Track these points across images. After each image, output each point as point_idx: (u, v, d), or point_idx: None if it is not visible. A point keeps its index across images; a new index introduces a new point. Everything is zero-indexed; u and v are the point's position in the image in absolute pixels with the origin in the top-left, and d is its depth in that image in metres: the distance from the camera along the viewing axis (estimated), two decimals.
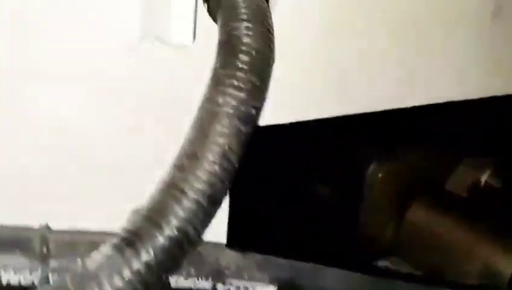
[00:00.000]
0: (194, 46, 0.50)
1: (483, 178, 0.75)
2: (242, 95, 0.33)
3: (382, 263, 0.73)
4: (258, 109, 0.34)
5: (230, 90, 0.34)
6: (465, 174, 0.75)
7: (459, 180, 0.75)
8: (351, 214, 0.74)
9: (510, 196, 0.76)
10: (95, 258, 0.29)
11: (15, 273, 0.49)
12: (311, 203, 0.76)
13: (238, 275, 0.54)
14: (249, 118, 0.33)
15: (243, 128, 0.33)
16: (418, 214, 0.72)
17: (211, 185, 0.31)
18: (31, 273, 0.50)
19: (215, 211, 0.31)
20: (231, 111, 0.33)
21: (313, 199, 0.76)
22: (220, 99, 0.33)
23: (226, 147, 0.32)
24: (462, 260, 0.68)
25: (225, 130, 0.32)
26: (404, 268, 0.72)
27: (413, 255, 0.72)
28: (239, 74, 0.34)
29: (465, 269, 0.68)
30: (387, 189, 0.72)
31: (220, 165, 0.31)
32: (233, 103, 0.33)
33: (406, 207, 0.73)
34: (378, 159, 0.72)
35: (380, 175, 0.72)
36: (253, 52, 0.35)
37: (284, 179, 0.75)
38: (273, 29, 0.38)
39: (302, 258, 0.57)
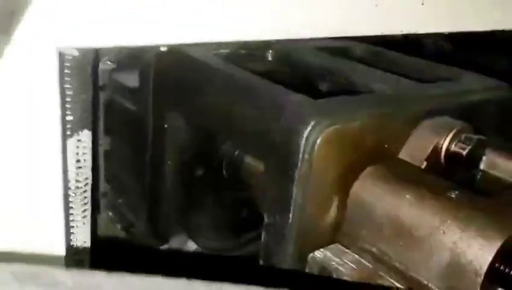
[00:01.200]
0: None
1: (445, 143, 0.65)
2: None
3: (319, 254, 0.60)
4: None
5: None
6: (423, 139, 0.66)
7: (416, 147, 0.65)
8: (280, 190, 0.60)
9: (478, 164, 0.68)
10: None
11: None
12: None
13: None
14: None
15: None
16: (366, 190, 0.60)
17: None
18: None
19: None
20: None
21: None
22: None
23: None
24: (423, 247, 0.55)
25: None
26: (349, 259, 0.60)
27: (360, 243, 0.60)
28: None
29: (427, 260, 0.55)
30: (327, 158, 0.59)
31: None
32: None
33: (350, 182, 0.61)
34: (312, 116, 0.58)
35: (318, 139, 0.57)
36: None
37: None
38: None
39: None
